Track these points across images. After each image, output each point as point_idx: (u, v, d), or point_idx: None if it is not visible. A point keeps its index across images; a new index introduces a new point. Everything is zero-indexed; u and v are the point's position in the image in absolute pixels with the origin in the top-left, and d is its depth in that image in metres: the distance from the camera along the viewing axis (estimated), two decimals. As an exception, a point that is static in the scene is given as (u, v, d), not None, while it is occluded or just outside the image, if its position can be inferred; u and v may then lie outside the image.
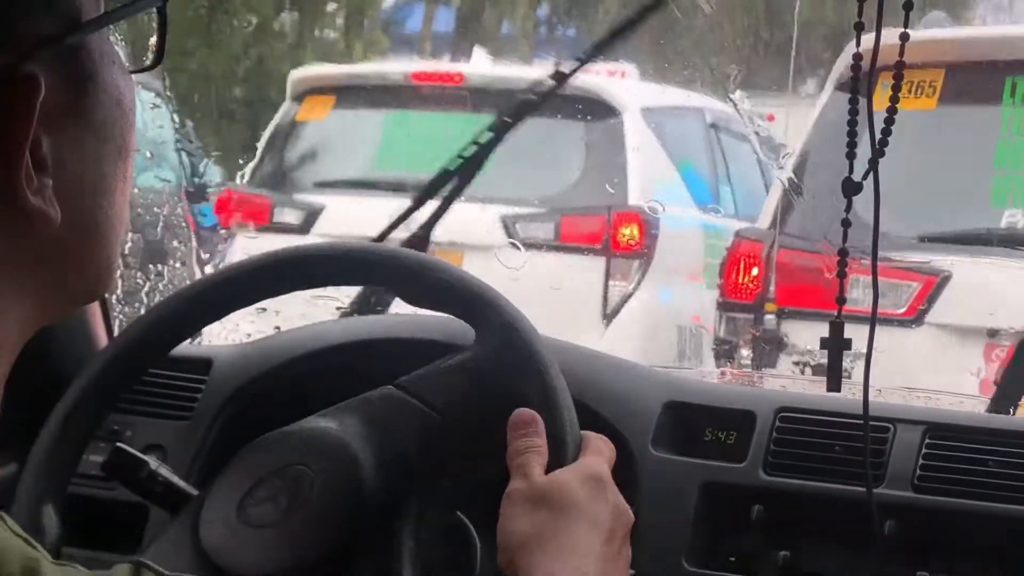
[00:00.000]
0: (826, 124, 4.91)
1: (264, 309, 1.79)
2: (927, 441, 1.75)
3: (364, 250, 1.66)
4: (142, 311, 1.74)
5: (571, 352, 1.88)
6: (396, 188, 5.78)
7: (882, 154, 1.58)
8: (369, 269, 1.66)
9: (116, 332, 1.99)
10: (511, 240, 5.78)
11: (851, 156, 1.60)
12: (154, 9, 1.04)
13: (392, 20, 15.47)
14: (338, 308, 2.26)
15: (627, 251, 6.05)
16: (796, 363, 4.68)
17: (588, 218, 6.03)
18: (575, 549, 1.32)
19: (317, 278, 1.68)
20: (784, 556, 1.75)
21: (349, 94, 6.56)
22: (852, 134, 1.61)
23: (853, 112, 1.59)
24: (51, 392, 1.70)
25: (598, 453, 1.41)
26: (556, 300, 5.57)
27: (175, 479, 1.67)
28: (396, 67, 7.77)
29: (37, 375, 1.93)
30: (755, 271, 4.99)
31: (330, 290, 1.79)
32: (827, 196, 4.73)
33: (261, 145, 6.56)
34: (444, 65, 7.15)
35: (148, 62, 1.07)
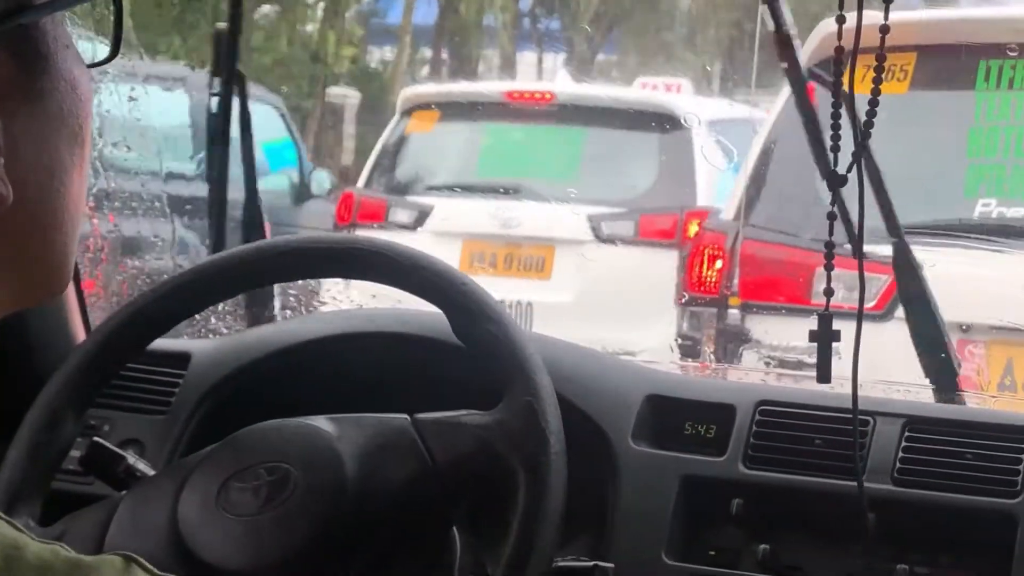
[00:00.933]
0: (792, 112, 4.82)
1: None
2: (906, 434, 1.76)
3: (434, 269, 1.65)
4: (120, 305, 1.73)
5: (553, 345, 1.87)
6: (494, 191, 6.86)
7: (865, 147, 1.57)
8: (422, 288, 1.65)
9: (93, 326, 1.98)
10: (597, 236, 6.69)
11: (835, 149, 1.59)
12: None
13: (374, 12, 15.44)
14: None
15: None
16: (762, 359, 4.61)
17: (663, 217, 6.73)
18: None
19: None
20: (764, 549, 1.75)
21: (452, 109, 7.52)
22: (836, 127, 1.60)
23: (836, 105, 1.58)
24: (29, 387, 1.69)
25: None
26: (636, 287, 6.30)
27: (153, 473, 1.67)
28: (493, 87, 8.89)
29: (14, 370, 1.93)
30: (719, 264, 4.93)
31: None
32: (794, 186, 4.67)
33: (374, 154, 7.47)
34: (536, 85, 8.17)
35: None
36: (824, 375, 1.55)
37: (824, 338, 1.54)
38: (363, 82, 13.39)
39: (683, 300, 5.17)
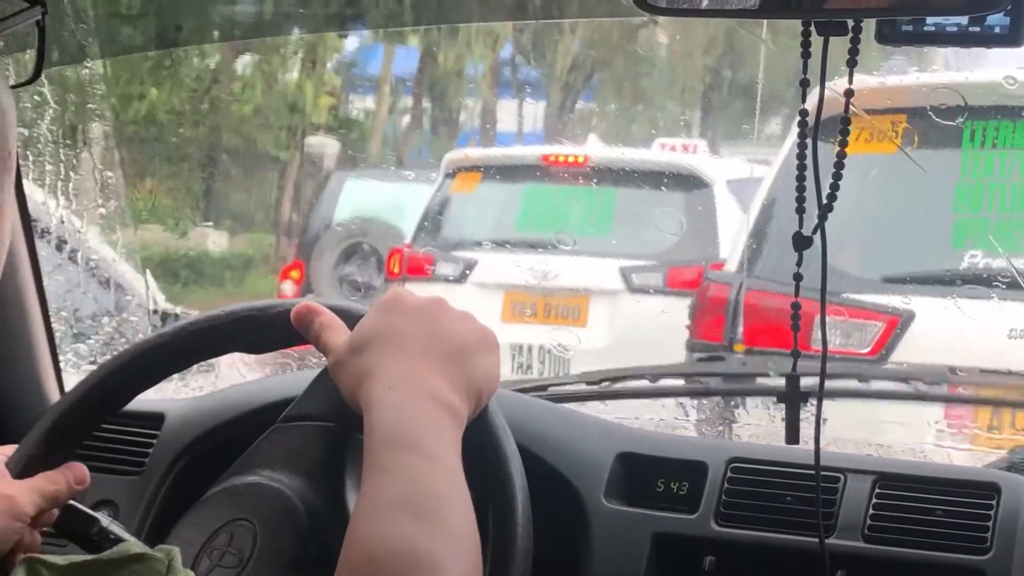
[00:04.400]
0: (791, 167, 4.92)
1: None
2: (877, 491, 1.77)
3: (199, 321, 1.65)
4: (95, 366, 1.73)
5: (523, 404, 1.88)
6: (533, 246, 7.34)
7: (830, 209, 1.59)
8: (210, 335, 1.65)
9: (67, 388, 1.99)
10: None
11: (800, 211, 1.61)
12: (34, 23, 1.03)
13: (354, 62, 15.46)
14: None
15: None
16: (764, 404, 4.69)
17: (689, 268, 7.07)
18: (408, 347, 1.36)
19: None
20: (736, 607, 1.75)
21: (493, 171, 8.16)
22: (800, 188, 1.62)
23: (801, 168, 1.60)
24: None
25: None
26: (665, 334, 6.36)
27: (126, 536, 1.66)
28: (530, 151, 9.57)
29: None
30: (723, 313, 5.06)
31: None
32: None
33: (420, 212, 7.98)
34: (571, 149, 8.45)
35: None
36: (793, 436, 1.56)
37: (792, 399, 1.55)
38: (342, 132, 13.39)
39: (689, 346, 5.30)
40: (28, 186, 2.07)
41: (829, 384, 1.60)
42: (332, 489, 1.54)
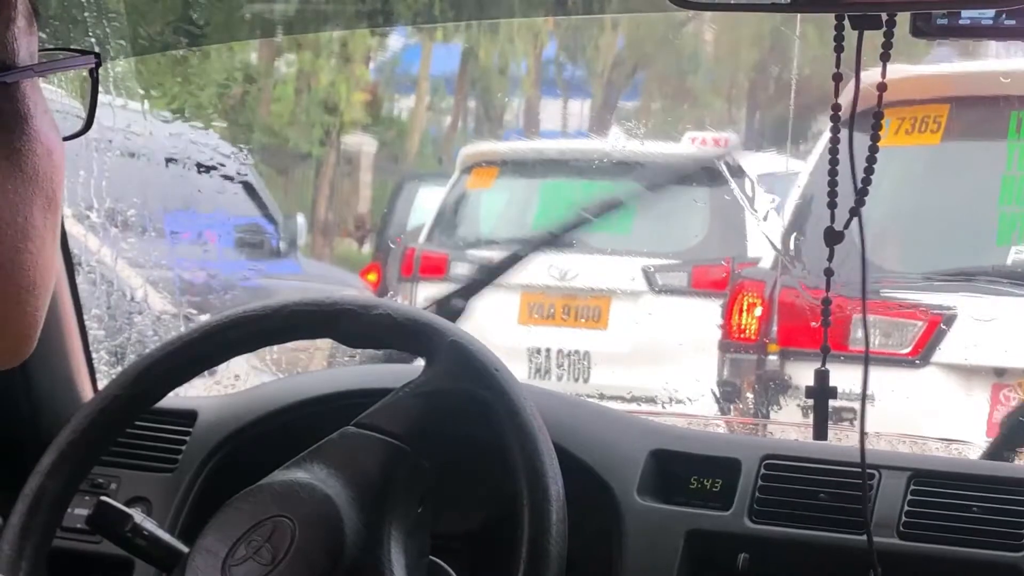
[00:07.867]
0: (826, 163, 4.84)
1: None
2: (912, 488, 1.76)
3: (302, 303, 1.67)
4: (126, 364, 1.74)
5: (555, 400, 1.88)
6: (550, 244, 6.56)
7: (862, 203, 1.58)
8: (311, 318, 1.67)
9: (101, 386, 1.99)
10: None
11: (832, 206, 1.60)
12: (87, 72, 1.04)
13: (397, 61, 15.46)
14: None
15: None
16: (800, 405, 4.62)
17: (715, 267, 6.86)
18: None
19: (270, 335, 1.70)
20: (770, 604, 1.75)
21: (511, 166, 7.84)
22: (833, 183, 1.61)
23: (833, 162, 1.59)
24: (35, 446, 1.70)
25: None
26: (690, 337, 6.30)
27: (160, 533, 1.67)
28: (550, 145, 9.37)
29: (21, 429, 1.94)
30: (758, 311, 4.97)
31: None
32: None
33: (435, 210, 7.79)
34: (591, 143, 8.37)
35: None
36: (821, 432, 1.55)
37: (820, 394, 1.55)
38: (380, 130, 13.42)
39: (721, 346, 5.22)
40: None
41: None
42: (376, 510, 1.55)
